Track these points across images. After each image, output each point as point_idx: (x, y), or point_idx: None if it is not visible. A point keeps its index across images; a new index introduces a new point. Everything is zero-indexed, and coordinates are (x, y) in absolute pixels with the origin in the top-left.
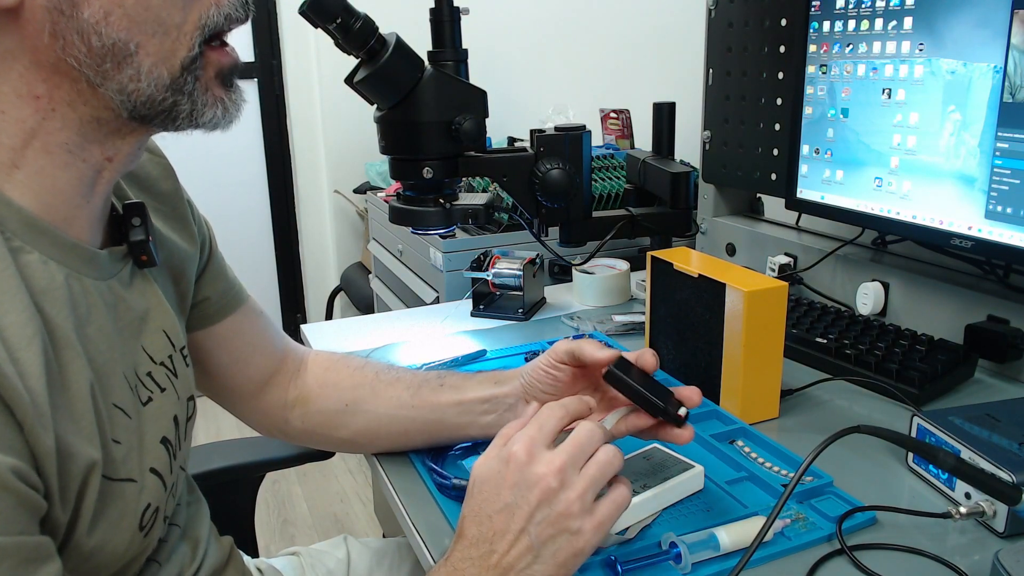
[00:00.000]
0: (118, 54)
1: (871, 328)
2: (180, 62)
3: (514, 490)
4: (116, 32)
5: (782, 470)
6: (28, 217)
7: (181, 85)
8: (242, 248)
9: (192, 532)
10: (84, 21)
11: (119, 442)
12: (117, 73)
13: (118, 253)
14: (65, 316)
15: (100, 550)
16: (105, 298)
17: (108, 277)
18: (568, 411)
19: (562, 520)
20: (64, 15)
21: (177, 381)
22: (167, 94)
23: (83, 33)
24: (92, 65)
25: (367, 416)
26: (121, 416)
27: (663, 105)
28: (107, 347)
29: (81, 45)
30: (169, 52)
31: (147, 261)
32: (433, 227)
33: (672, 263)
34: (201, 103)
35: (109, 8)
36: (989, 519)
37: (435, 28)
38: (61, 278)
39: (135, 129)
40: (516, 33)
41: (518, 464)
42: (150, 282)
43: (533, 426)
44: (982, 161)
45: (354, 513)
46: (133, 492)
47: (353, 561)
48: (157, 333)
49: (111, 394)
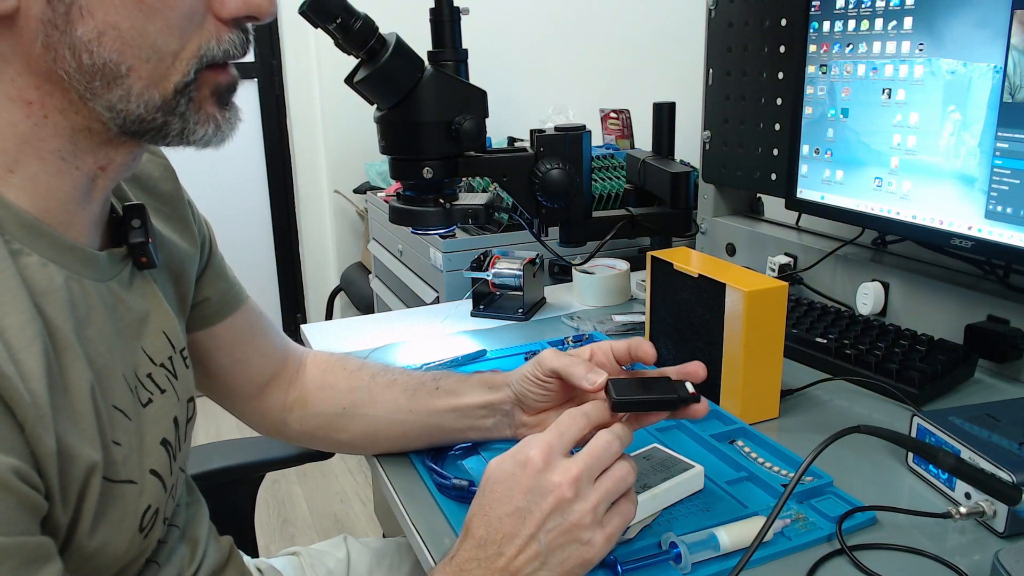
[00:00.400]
0: (108, 74)
1: (871, 328)
2: (173, 86)
3: (528, 495)
4: (108, 53)
5: (782, 470)
6: (27, 219)
7: (174, 107)
8: (242, 248)
9: (191, 533)
10: (77, 38)
11: (119, 444)
12: (106, 92)
13: (117, 255)
14: (65, 318)
15: (101, 551)
16: (104, 300)
17: (108, 279)
18: (590, 419)
19: (574, 530)
20: (58, 29)
21: (177, 382)
22: (157, 114)
23: (74, 50)
24: (82, 81)
25: (365, 420)
26: (121, 418)
27: (663, 105)
28: (107, 349)
29: (72, 61)
30: (162, 76)
31: (147, 263)
32: (433, 227)
33: (672, 263)
34: (193, 122)
35: (104, 29)
36: (989, 519)
37: (435, 28)
38: (61, 280)
39: (126, 142)
40: (516, 33)
41: (534, 469)
42: (150, 283)
43: (553, 432)
44: (982, 161)
45: (354, 513)
46: (133, 494)
47: (353, 561)
48: (157, 335)
49: (111, 396)
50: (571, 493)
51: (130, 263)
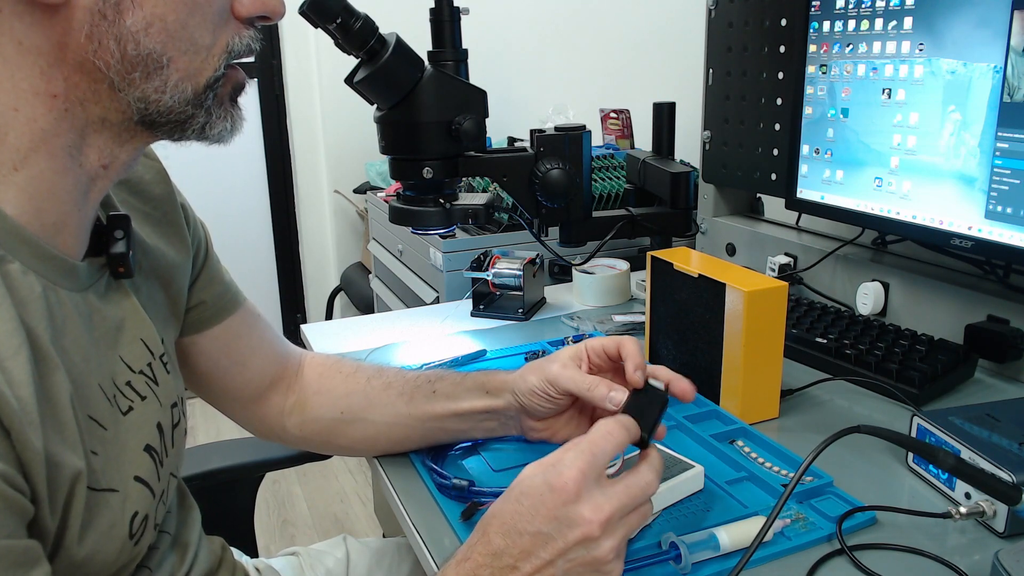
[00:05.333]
0: (150, 65)
1: (871, 328)
2: (205, 80)
3: (554, 522)
4: (153, 44)
5: (782, 470)
6: (13, 226)
7: (202, 100)
8: (242, 248)
9: (182, 538)
10: (125, 28)
11: (96, 453)
12: (144, 82)
13: (96, 264)
14: (44, 328)
15: (91, 559)
16: (80, 310)
17: (84, 288)
18: (630, 435)
19: (596, 564)
20: (106, 19)
21: (158, 388)
22: (187, 107)
23: (121, 40)
24: (121, 71)
25: (365, 425)
26: (96, 428)
27: (663, 105)
28: (82, 359)
29: (116, 51)
30: (196, 71)
31: (124, 272)
32: (433, 227)
33: (672, 263)
34: (216, 117)
35: (151, 20)
36: (989, 519)
37: (435, 28)
38: (39, 289)
39: (137, 135)
40: (516, 33)
41: (565, 498)
42: (126, 292)
43: (586, 455)
44: (982, 161)
45: (354, 513)
46: (117, 501)
47: (353, 561)
48: (134, 342)
49: (87, 406)
50: (599, 532)
51: (107, 272)
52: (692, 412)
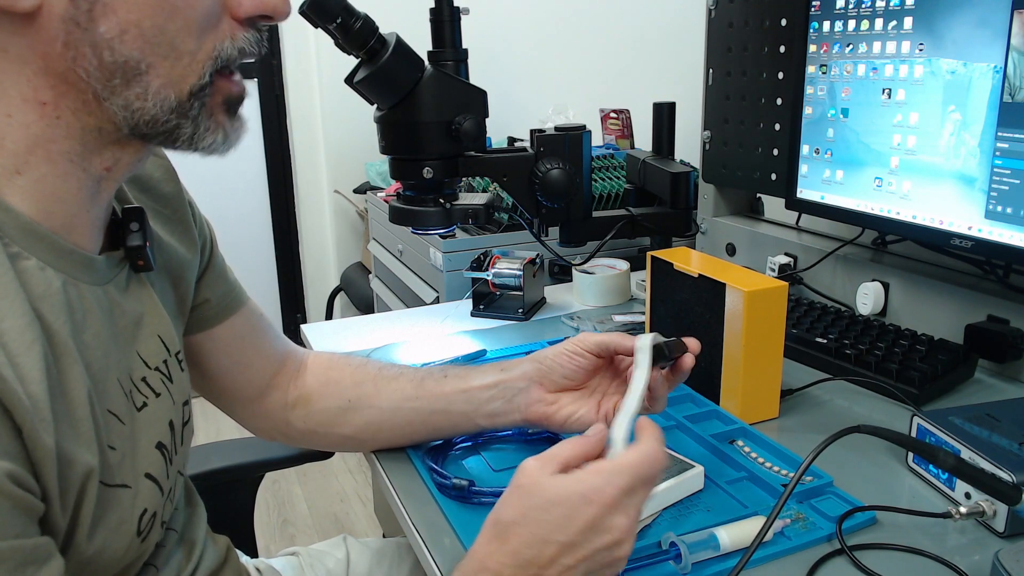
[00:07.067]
0: (128, 72)
1: (871, 328)
2: (189, 88)
3: (587, 532)
4: (129, 50)
5: (782, 470)
6: (26, 223)
7: (187, 109)
8: (242, 248)
9: (189, 536)
10: (99, 35)
11: (114, 448)
12: (124, 89)
13: (115, 258)
14: (63, 322)
15: (99, 555)
16: (101, 303)
17: (104, 282)
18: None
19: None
20: (80, 27)
21: (172, 386)
22: (171, 116)
23: (96, 47)
24: (101, 79)
25: (370, 411)
26: (115, 422)
27: (663, 105)
28: (102, 353)
29: (93, 58)
30: (179, 77)
31: (144, 266)
32: (433, 227)
33: (672, 263)
34: (203, 128)
35: (126, 27)
36: (989, 519)
37: (435, 28)
38: (58, 284)
39: (134, 142)
40: (516, 33)
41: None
42: (146, 287)
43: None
44: (982, 161)
45: (354, 513)
46: (128, 497)
47: (353, 561)
48: (152, 338)
49: (106, 400)
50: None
51: (127, 266)
52: (692, 412)
